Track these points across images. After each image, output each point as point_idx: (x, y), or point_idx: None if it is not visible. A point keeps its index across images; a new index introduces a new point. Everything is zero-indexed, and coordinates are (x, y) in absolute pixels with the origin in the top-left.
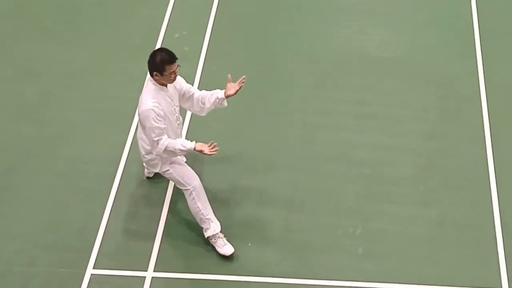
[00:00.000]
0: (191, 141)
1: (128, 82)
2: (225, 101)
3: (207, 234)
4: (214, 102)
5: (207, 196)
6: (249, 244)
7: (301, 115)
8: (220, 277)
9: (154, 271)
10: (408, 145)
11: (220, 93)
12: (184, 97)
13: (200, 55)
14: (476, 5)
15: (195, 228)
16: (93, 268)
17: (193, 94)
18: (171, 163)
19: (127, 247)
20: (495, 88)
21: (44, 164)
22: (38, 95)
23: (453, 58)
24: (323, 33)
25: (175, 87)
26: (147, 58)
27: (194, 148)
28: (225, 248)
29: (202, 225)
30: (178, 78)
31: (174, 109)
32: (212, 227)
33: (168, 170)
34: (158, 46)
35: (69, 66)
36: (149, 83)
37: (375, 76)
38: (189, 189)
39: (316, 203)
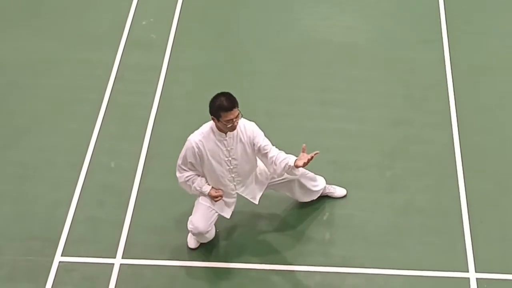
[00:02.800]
0: (209, 184)
1: (94, 71)
2: (296, 170)
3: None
4: (284, 168)
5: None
6: (218, 231)
7: (266, 102)
8: (188, 263)
9: (122, 258)
10: (374, 131)
11: (290, 161)
12: (259, 152)
13: (167, 42)
14: None
15: (163, 216)
16: (61, 255)
17: (267, 152)
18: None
19: (95, 235)
20: (461, 74)
21: (9, 154)
22: (1, 85)
23: (419, 45)
24: (288, 19)
25: (241, 139)
26: (114, 46)
27: (207, 194)
28: (193, 240)
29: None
30: (255, 130)
31: (229, 160)
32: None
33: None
34: (125, 34)
35: (33, 56)
36: (210, 122)
37: (340, 63)
38: (190, 229)
39: None
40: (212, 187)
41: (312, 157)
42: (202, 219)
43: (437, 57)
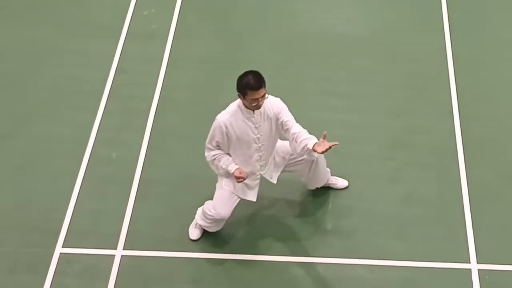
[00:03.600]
0: (236, 164)
1: (95, 62)
2: (314, 153)
3: (196, 222)
4: (303, 149)
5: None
6: None
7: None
8: (189, 254)
9: (123, 249)
10: (375, 122)
11: (310, 143)
12: (282, 128)
13: (168, 33)
14: None
15: (164, 207)
16: (62, 247)
17: (289, 128)
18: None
19: (96, 226)
20: (462, 64)
21: (10, 144)
22: (1, 74)
23: (420, 35)
24: (290, 11)
25: (268, 115)
26: (115, 36)
27: (233, 173)
28: (194, 231)
29: (196, 217)
30: (280, 105)
31: (257, 138)
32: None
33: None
34: (126, 24)
35: (33, 45)
36: (237, 100)
37: (341, 54)
38: (211, 214)
39: (285, 181)
40: (238, 167)
41: (331, 147)
42: (225, 204)
43: (439, 47)
